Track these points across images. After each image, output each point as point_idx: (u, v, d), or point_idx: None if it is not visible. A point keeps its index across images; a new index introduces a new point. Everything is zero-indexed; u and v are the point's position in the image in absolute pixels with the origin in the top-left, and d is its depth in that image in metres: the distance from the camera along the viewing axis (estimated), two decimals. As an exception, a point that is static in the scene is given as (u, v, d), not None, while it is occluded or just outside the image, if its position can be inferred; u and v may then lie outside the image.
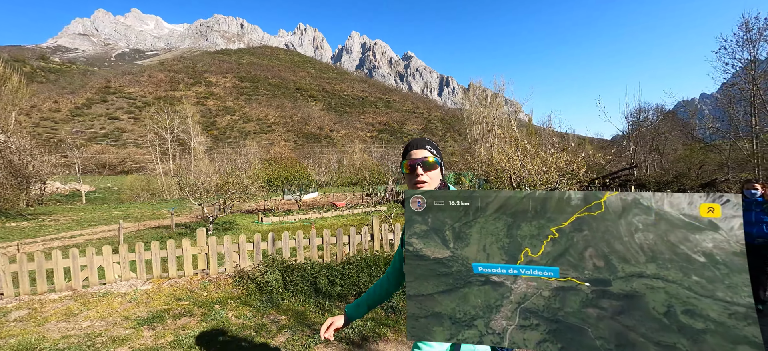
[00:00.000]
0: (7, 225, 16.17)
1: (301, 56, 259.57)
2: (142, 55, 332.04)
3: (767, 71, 20.04)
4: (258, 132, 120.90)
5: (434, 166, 1.27)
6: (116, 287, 4.35)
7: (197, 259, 5.00)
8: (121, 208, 25.38)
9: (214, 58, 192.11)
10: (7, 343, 3.07)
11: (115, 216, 20.48)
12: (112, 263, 4.63)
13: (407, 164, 1.29)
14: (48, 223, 17.16)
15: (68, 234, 13.64)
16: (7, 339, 3.15)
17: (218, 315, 3.49)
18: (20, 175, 17.91)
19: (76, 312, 3.70)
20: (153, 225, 16.00)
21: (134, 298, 4.09)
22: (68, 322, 3.50)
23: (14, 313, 3.69)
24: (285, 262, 4.51)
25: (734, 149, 23.27)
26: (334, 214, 17.33)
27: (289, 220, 15.88)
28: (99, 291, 4.26)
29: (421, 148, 1.29)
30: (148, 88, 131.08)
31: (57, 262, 4.31)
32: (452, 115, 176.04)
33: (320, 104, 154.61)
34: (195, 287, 4.39)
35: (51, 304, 3.90)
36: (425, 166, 1.26)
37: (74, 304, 3.87)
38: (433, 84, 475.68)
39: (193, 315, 3.55)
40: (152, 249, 4.80)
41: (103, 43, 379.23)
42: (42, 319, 3.55)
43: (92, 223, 17.19)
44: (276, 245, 5.09)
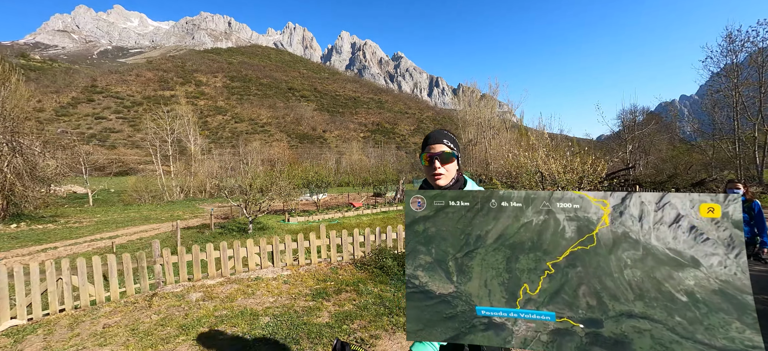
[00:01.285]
0: (34, 227, 16.40)
1: (292, 56, 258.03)
2: (126, 53, 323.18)
3: (748, 79, 21.85)
4: (250, 132, 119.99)
5: (451, 159, 1.31)
6: (263, 273, 5.18)
7: (321, 249, 5.95)
8: (132, 210, 25.47)
9: (204, 57, 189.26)
10: (221, 313, 3.90)
11: (133, 217, 20.74)
12: (253, 253, 5.44)
13: (426, 156, 1.33)
14: (73, 225, 17.41)
15: (106, 235, 14.05)
16: (218, 311, 3.97)
17: (366, 289, 4.38)
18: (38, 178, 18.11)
19: (249, 292, 4.53)
20: (182, 225, 16.49)
21: (286, 281, 4.93)
22: (254, 299, 4.33)
23: (191, 294, 4.50)
24: (389, 251, 5.45)
25: (718, 151, 25.17)
26: (355, 213, 18.13)
27: (315, 220, 16.60)
28: (249, 276, 5.08)
29: (439, 142, 1.32)
30: (136, 87, 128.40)
31: (210, 253, 5.11)
32: (443, 116, 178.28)
33: (312, 104, 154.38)
34: (327, 272, 5.27)
35: (218, 288, 4.71)
36: (443, 158, 1.30)
37: (238, 287, 4.69)
38: (422, 84, 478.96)
39: (347, 291, 4.43)
40: (286, 242, 5.59)
41: (84, 40, 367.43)
42: (224, 298, 4.36)
43: (118, 224, 17.49)
44: (376, 238, 6.00)
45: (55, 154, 20.98)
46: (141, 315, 4.02)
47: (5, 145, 15.99)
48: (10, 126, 15.91)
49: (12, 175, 15.71)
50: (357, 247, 5.81)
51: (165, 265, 4.86)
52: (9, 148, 16.20)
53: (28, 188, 16.57)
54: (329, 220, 16.43)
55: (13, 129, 16.31)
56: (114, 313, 4.10)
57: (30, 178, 16.77)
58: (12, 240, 12.99)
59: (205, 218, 19.63)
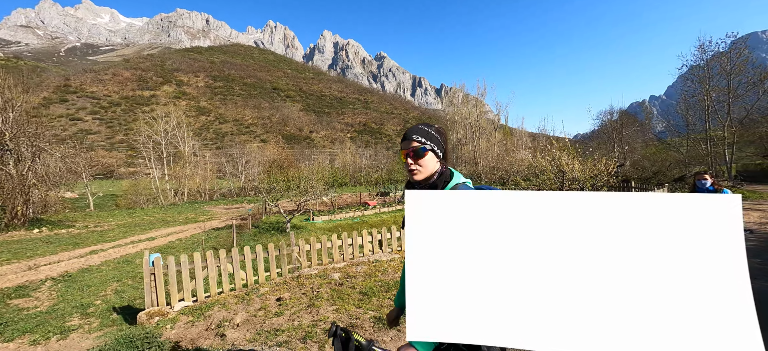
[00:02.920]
0: (58, 232, 16.39)
1: (276, 55, 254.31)
2: (97, 51, 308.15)
3: (718, 85, 24.37)
4: (235, 133, 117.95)
5: (423, 154, 1.29)
6: (379, 257, 6.16)
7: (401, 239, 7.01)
8: (141, 214, 25.26)
9: (185, 56, 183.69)
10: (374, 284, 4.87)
11: (149, 221, 20.80)
12: (366, 242, 6.40)
13: (403, 153, 1.34)
14: (93, 229, 17.48)
15: (139, 237, 14.41)
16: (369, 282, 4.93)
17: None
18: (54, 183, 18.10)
19: (381, 269, 5.51)
20: (207, 226, 16.96)
21: (402, 261, 5.93)
22: (387, 275, 5.31)
23: (332, 274, 5.42)
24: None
25: (692, 149, 27.76)
26: (373, 212, 19.08)
27: (337, 219, 17.43)
28: (369, 259, 6.05)
29: (409, 139, 1.32)
30: (112, 87, 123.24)
31: (333, 243, 6.05)
32: (429, 116, 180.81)
33: (298, 105, 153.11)
34: None
35: (350, 269, 5.66)
36: (414, 154, 1.30)
37: (366, 268, 5.66)
38: (405, 84, 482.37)
39: None
40: (393, 231, 6.60)
41: (50, 36, 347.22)
42: (364, 275, 5.32)
43: (140, 227, 17.66)
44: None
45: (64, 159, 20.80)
46: (302, 291, 4.93)
47: (26, 150, 16.00)
48: (32, 130, 15.89)
49: (35, 179, 15.75)
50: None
51: (301, 252, 5.77)
52: (29, 152, 16.20)
53: (47, 193, 16.61)
54: (351, 219, 17.32)
55: (34, 133, 16.30)
56: (274, 291, 5.01)
57: (48, 182, 16.81)
58: (48, 244, 13.21)
59: (223, 219, 20.06)
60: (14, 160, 15.83)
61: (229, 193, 43.28)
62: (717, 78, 24.22)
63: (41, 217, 17.20)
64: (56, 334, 5.29)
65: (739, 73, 22.99)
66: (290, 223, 14.00)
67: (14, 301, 7.25)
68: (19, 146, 16.05)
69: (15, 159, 15.84)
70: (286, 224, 13.66)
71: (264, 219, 18.11)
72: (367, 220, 16.47)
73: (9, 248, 12.57)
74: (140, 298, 6.92)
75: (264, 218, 18.32)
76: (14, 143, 15.77)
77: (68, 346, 4.89)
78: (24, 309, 6.78)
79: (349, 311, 4.14)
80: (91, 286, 7.95)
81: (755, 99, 23.41)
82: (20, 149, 16.07)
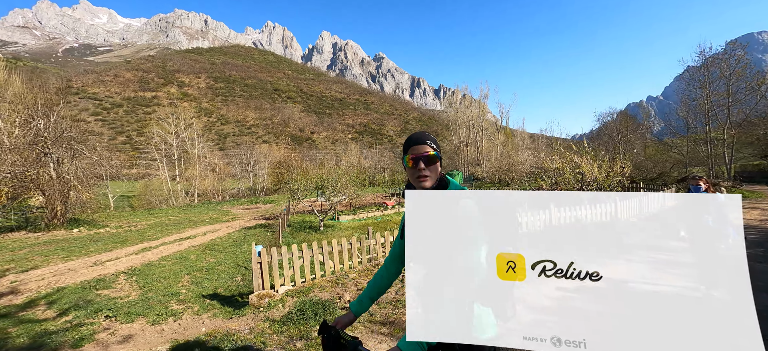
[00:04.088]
0: (96, 232, 17.13)
1: (276, 56, 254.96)
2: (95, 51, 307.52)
3: (718, 90, 25.46)
4: (237, 134, 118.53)
5: (435, 161, 1.32)
6: None
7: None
8: (165, 214, 25.90)
9: (186, 57, 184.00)
10: None
11: (177, 221, 21.44)
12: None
13: (410, 158, 1.34)
14: (127, 229, 18.23)
15: (179, 236, 15.17)
16: None
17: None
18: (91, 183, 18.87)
19: None
20: (237, 226, 17.75)
21: None
22: None
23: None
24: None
25: (693, 150, 28.82)
26: (394, 212, 19.94)
27: (360, 218, 18.26)
28: None
29: (423, 143, 1.33)
30: (114, 88, 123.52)
31: (377, 240, 6.91)
32: (429, 117, 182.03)
33: (299, 106, 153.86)
34: None
35: None
36: (427, 160, 1.31)
37: None
38: (404, 85, 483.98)
39: None
40: None
41: (48, 36, 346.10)
42: None
43: (171, 227, 18.38)
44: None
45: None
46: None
47: (65, 152, 16.78)
48: (72, 134, 16.65)
49: (75, 180, 16.53)
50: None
51: (377, 244, 6.66)
52: (68, 155, 16.98)
53: (85, 193, 17.39)
54: (373, 218, 18.17)
55: (72, 136, 17.08)
56: (361, 277, 5.90)
57: (85, 184, 17.59)
58: (95, 243, 13.99)
59: (247, 219, 20.84)
60: (55, 162, 16.60)
61: (239, 194, 44.03)
62: (716, 83, 25.31)
63: (78, 217, 17.96)
64: (170, 317, 6.14)
65: (739, 78, 24.08)
66: (323, 222, 14.82)
67: (103, 291, 8.07)
68: (60, 149, 16.83)
69: (55, 161, 16.61)
70: (320, 223, 14.46)
71: (291, 218, 18.90)
72: (390, 219, 17.31)
73: (61, 246, 13.35)
74: (221, 287, 7.77)
75: (290, 217, 19.11)
76: (55, 146, 16.55)
77: (189, 324, 5.74)
78: (116, 298, 7.60)
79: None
80: (165, 279, 8.77)
81: (753, 103, 24.50)
82: (60, 152, 16.84)
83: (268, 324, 4.62)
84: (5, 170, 13.95)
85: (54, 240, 14.67)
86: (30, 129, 15.53)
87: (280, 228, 12.04)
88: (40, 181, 15.18)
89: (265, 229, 15.93)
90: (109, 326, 6.00)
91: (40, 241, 14.50)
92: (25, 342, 5.57)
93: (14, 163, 14.01)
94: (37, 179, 15.14)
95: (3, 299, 7.91)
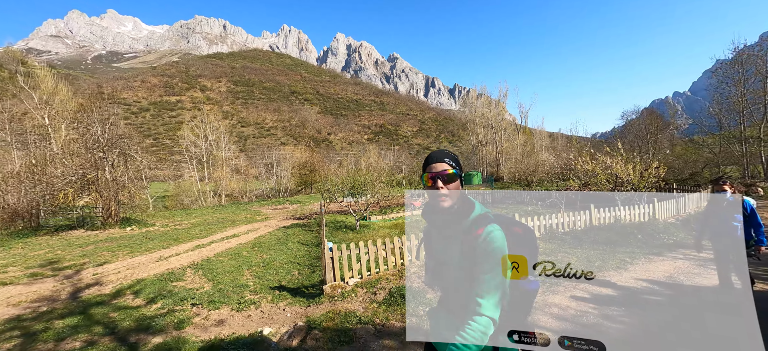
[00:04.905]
0: (148, 230, 18.42)
1: (293, 59, 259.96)
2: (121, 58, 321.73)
3: (754, 88, 24.71)
4: (257, 136, 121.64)
5: (454, 179, 1.31)
6: None
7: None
8: (202, 213, 27.24)
9: (207, 62, 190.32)
10: None
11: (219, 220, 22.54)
12: None
13: (428, 177, 1.33)
14: (173, 228, 19.49)
15: (222, 235, 16.19)
16: None
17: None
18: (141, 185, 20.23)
19: None
20: (275, 226, 18.67)
21: None
22: None
23: None
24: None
25: (725, 149, 27.91)
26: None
27: (391, 218, 18.88)
28: None
29: (441, 162, 1.31)
30: (142, 93, 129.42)
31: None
32: (445, 117, 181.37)
33: (316, 107, 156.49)
34: None
35: None
36: (445, 179, 1.30)
37: None
38: (418, 85, 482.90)
39: (547, 253, 6.88)
40: None
41: (78, 45, 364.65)
42: None
43: (214, 226, 19.48)
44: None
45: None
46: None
47: (119, 155, 18.14)
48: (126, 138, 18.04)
49: (129, 182, 17.86)
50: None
51: (411, 245, 7.24)
52: (122, 158, 18.34)
53: (136, 194, 18.72)
54: (402, 219, 18.74)
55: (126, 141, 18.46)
56: (421, 269, 6.48)
57: (136, 185, 18.91)
58: (151, 240, 15.12)
59: (280, 219, 21.79)
60: (110, 165, 17.95)
61: (263, 195, 45.48)
62: (752, 80, 24.57)
63: (129, 217, 19.30)
64: (251, 305, 6.89)
65: (776, 75, 23.34)
66: (359, 222, 15.47)
67: (177, 283, 8.94)
68: (113, 153, 18.18)
69: (111, 164, 17.97)
70: (356, 223, 15.13)
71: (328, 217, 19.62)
72: (421, 220, 17.78)
73: (121, 243, 14.55)
74: (284, 280, 8.51)
75: (327, 216, 19.85)
76: (110, 151, 17.91)
77: (270, 311, 6.47)
78: (192, 289, 8.44)
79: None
80: (228, 273, 9.58)
81: (792, 100, 23.67)
82: (113, 156, 18.19)
83: (375, 305, 5.30)
84: (72, 173, 15.29)
85: (112, 238, 15.92)
86: (90, 135, 16.90)
87: (322, 228, 12.74)
88: (99, 183, 16.49)
89: (303, 228, 16.72)
90: (198, 313, 6.80)
91: (101, 239, 15.78)
92: (131, 325, 6.42)
93: (81, 166, 15.35)
94: (96, 181, 16.44)
95: (92, 289, 8.92)
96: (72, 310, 7.39)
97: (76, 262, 11.53)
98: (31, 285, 9.28)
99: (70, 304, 7.80)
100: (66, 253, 13.01)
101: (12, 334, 6.37)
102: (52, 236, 16.54)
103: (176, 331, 5.97)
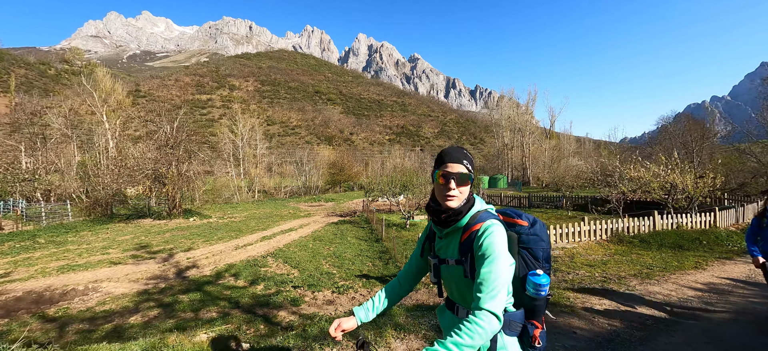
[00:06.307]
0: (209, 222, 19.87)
1: (317, 59, 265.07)
2: (154, 57, 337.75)
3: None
4: (282, 135, 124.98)
5: (467, 181, 1.28)
6: (581, 242, 8.32)
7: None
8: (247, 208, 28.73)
9: (236, 61, 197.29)
10: (596, 258, 6.93)
11: (266, 213, 23.82)
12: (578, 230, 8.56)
13: (441, 175, 1.30)
14: (229, 220, 20.95)
15: (281, 229, 17.37)
16: (594, 255, 7.01)
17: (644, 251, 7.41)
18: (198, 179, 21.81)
19: (592, 248, 7.57)
20: (327, 220, 19.69)
21: (599, 244, 7.98)
22: (593, 253, 7.36)
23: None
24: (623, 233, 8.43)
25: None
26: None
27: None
28: (575, 245, 8.24)
29: (458, 162, 1.28)
30: (175, 91, 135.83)
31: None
32: (467, 118, 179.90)
33: (339, 107, 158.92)
34: (603, 243, 8.31)
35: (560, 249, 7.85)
36: (459, 180, 1.27)
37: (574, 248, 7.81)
38: (439, 86, 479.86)
39: (622, 253, 7.45)
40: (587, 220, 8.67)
41: (115, 44, 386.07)
42: (582, 250, 7.47)
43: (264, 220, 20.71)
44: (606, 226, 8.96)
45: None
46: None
47: (185, 153, 19.75)
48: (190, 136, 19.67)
49: (193, 175, 19.43)
50: (592, 233, 8.81)
51: None
52: (186, 155, 19.96)
53: (200, 188, 20.29)
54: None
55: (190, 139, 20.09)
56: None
57: (198, 180, 20.47)
58: (216, 231, 16.40)
59: (323, 215, 22.87)
60: (176, 161, 19.56)
61: (294, 192, 47.13)
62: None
63: (189, 208, 20.92)
64: (349, 289, 7.80)
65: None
66: (409, 221, 16.23)
67: (264, 269, 9.94)
68: (179, 150, 19.79)
69: (177, 160, 19.57)
70: (406, 222, 15.89)
71: (375, 215, 20.49)
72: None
73: (192, 232, 15.92)
74: (364, 269, 9.39)
75: (376, 214, 20.74)
76: (177, 148, 19.52)
77: (368, 295, 7.35)
78: (282, 274, 9.45)
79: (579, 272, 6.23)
80: (307, 261, 10.54)
81: None
82: (179, 153, 19.80)
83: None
84: (149, 167, 16.90)
85: (180, 227, 17.39)
86: (162, 133, 18.54)
87: (382, 227, 13.54)
88: (170, 178, 18.07)
89: (352, 225, 17.64)
90: (303, 294, 7.76)
91: (171, 227, 17.29)
92: (251, 302, 7.42)
93: (157, 161, 16.95)
94: (167, 176, 18.03)
95: (193, 271, 10.11)
96: (188, 288, 8.53)
97: (164, 247, 12.88)
98: (138, 265, 10.59)
99: (182, 283, 8.96)
100: (150, 239, 14.50)
101: (149, 304, 7.53)
102: (127, 224, 18.24)
103: (294, 307, 6.92)
